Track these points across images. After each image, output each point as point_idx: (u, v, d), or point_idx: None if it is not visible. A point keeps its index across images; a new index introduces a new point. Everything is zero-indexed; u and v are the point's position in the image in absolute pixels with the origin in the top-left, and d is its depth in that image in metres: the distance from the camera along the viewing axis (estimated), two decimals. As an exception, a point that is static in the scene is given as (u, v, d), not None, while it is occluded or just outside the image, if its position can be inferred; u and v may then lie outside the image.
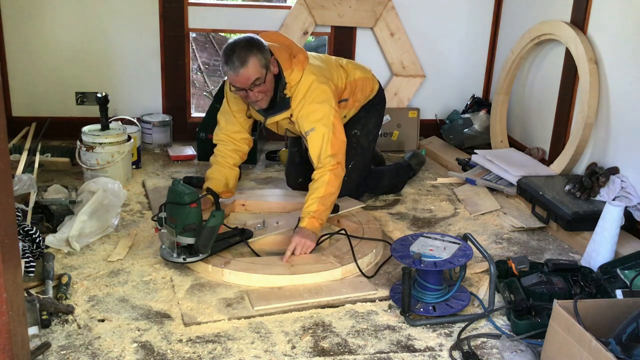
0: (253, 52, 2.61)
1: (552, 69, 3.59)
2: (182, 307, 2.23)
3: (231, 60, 2.60)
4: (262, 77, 2.65)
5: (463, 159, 3.72)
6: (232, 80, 2.67)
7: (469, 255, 2.28)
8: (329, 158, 2.70)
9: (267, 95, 2.74)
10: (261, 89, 2.68)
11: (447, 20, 4.16)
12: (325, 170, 2.69)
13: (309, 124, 2.74)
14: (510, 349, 2.06)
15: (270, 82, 2.71)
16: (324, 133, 2.72)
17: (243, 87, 2.66)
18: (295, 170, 3.26)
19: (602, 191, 2.91)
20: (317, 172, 2.72)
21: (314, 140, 2.73)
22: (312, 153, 2.74)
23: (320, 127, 2.72)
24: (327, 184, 2.66)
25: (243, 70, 2.60)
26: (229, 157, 2.96)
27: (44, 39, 3.79)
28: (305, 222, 2.61)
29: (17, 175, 2.80)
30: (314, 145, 2.73)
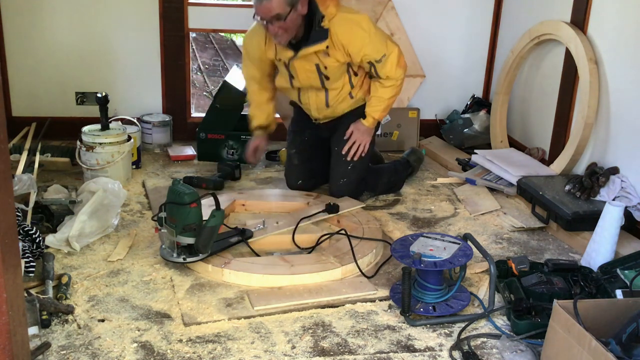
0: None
1: (552, 69, 3.59)
2: (182, 307, 2.23)
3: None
4: (284, 13, 2.69)
5: (463, 159, 3.72)
6: (255, 8, 2.73)
7: (469, 255, 2.28)
8: (398, 70, 2.93)
9: (288, 34, 2.78)
10: (281, 25, 2.72)
11: (447, 20, 4.16)
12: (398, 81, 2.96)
13: (378, 53, 2.88)
14: (510, 349, 2.06)
15: (292, 22, 2.74)
16: (393, 55, 2.91)
17: (263, 17, 2.71)
18: (294, 172, 3.26)
19: (602, 191, 2.91)
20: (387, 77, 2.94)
21: (387, 64, 2.90)
22: (382, 73, 2.92)
23: (389, 52, 2.89)
24: (396, 92, 2.99)
25: (266, 1, 2.66)
26: (261, 94, 3.17)
27: (44, 39, 3.79)
28: (369, 121, 3.03)
29: (17, 175, 2.80)
30: (386, 68, 2.91)
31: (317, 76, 2.96)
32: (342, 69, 2.96)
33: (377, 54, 2.88)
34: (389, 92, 2.98)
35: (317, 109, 3.12)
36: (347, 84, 3.02)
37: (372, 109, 3.03)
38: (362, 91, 3.08)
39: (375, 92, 3.01)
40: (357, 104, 3.11)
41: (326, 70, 2.93)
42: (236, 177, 3.44)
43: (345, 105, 3.09)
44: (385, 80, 2.96)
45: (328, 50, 2.85)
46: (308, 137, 3.26)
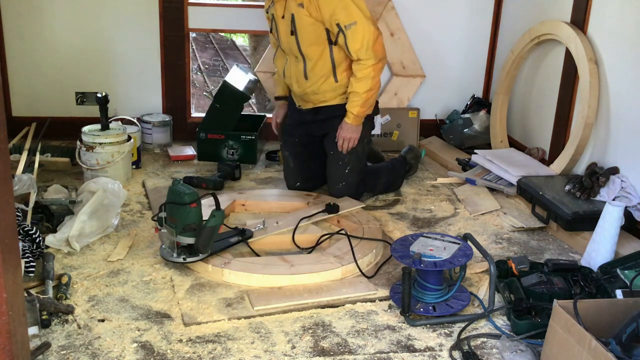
0: None
1: (552, 69, 3.59)
2: (182, 307, 2.23)
3: None
4: None
5: (463, 159, 3.72)
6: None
7: (469, 255, 2.28)
8: (370, 53, 2.83)
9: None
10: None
11: (447, 20, 4.16)
12: (369, 70, 2.85)
13: (349, 17, 2.80)
14: (510, 349, 2.06)
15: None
16: (366, 28, 2.82)
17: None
18: (291, 174, 3.25)
19: (602, 191, 2.91)
20: (359, 69, 2.86)
21: (356, 34, 2.82)
22: (352, 46, 2.84)
23: (362, 21, 2.81)
24: (372, 85, 2.88)
25: None
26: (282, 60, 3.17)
27: (44, 39, 3.79)
28: (350, 118, 2.97)
29: (17, 175, 2.80)
30: (356, 39, 2.82)
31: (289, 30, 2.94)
32: (316, 32, 2.89)
33: (346, 17, 2.80)
34: (363, 86, 2.89)
35: (297, 82, 3.06)
36: (328, 57, 2.95)
37: (350, 105, 2.96)
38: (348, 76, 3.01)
39: (350, 87, 2.95)
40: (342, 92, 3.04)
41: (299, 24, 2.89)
42: (236, 177, 3.44)
43: (328, 87, 3.01)
44: (357, 68, 2.88)
45: (303, 1, 2.83)
46: (299, 138, 3.24)
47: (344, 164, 3.08)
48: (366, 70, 2.87)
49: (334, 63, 2.97)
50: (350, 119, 2.97)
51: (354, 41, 2.83)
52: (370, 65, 2.86)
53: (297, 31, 2.92)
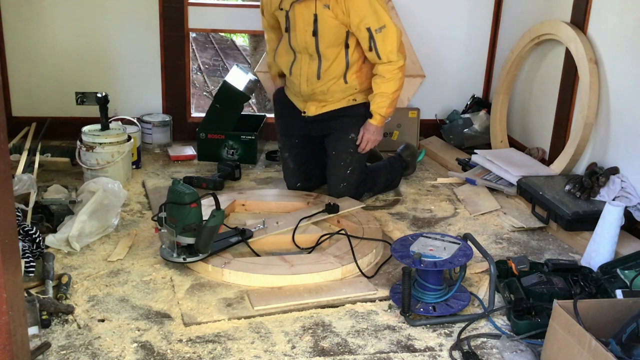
0: None
1: (552, 69, 3.58)
2: (182, 307, 2.23)
3: None
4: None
5: (463, 159, 3.72)
6: None
7: (469, 255, 2.28)
8: (401, 56, 2.89)
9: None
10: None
11: (447, 20, 4.16)
12: (397, 71, 2.90)
13: (379, 22, 2.84)
14: (510, 349, 2.06)
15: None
16: (394, 30, 2.86)
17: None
18: (291, 175, 3.25)
19: (602, 191, 2.91)
20: (386, 69, 2.89)
21: (387, 37, 2.86)
22: (382, 50, 2.86)
23: (391, 23, 2.86)
24: (399, 85, 2.93)
25: None
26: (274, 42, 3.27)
27: (44, 39, 3.79)
28: (377, 120, 2.98)
29: (17, 175, 2.80)
30: (387, 42, 2.86)
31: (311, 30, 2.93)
32: (338, 34, 2.90)
33: (376, 22, 2.83)
34: (392, 86, 2.92)
35: (308, 81, 3.02)
36: (343, 59, 2.96)
37: (377, 107, 2.96)
38: (358, 81, 3.01)
39: (377, 88, 2.94)
40: (349, 93, 3.04)
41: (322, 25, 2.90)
42: (236, 177, 3.44)
43: (337, 88, 3.01)
44: (386, 69, 2.90)
45: (329, 2, 2.84)
46: (298, 139, 3.23)
47: (346, 165, 3.08)
48: (395, 71, 2.90)
49: (347, 64, 2.98)
50: (377, 120, 2.99)
51: (384, 44, 2.86)
52: (400, 67, 2.91)
53: (318, 32, 2.91)
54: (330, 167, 3.14)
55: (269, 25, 3.27)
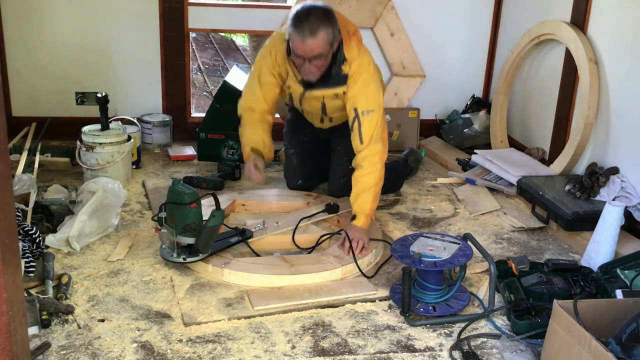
0: (325, 25, 2.54)
1: (552, 69, 3.59)
2: (182, 307, 2.23)
3: (301, 26, 2.51)
4: (325, 53, 2.60)
5: (463, 159, 3.72)
6: (294, 46, 2.58)
7: (469, 255, 2.28)
8: (380, 141, 2.72)
9: (320, 71, 2.69)
10: (319, 63, 2.63)
11: (447, 20, 4.16)
12: (376, 158, 2.70)
13: (369, 105, 2.71)
14: (510, 349, 2.06)
15: (329, 60, 2.67)
16: (380, 117, 2.73)
17: (303, 56, 2.59)
18: (293, 172, 3.25)
19: (602, 191, 2.91)
20: (366, 157, 2.71)
21: (371, 122, 2.71)
22: (365, 133, 2.72)
23: (379, 110, 2.73)
24: (379, 177, 2.71)
25: (311, 40, 2.52)
26: (258, 124, 2.93)
27: (44, 39, 3.79)
28: (361, 220, 2.63)
29: (17, 175, 2.80)
30: (369, 127, 2.71)
31: (320, 108, 2.93)
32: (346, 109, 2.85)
33: (365, 104, 2.70)
34: (371, 179, 2.68)
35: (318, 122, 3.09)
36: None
37: (360, 206, 2.66)
38: None
39: (356, 184, 2.70)
40: None
41: (331, 107, 2.90)
42: (236, 177, 3.44)
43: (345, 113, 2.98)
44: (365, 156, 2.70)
45: (338, 93, 2.78)
46: (307, 137, 3.24)
47: (349, 160, 3.06)
48: (374, 159, 2.70)
49: None
50: (361, 221, 2.63)
51: (369, 127, 2.71)
52: (379, 153, 2.71)
53: (327, 110, 2.93)
54: (333, 162, 3.14)
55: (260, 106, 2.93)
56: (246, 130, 2.97)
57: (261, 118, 2.95)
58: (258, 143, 2.95)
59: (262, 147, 2.96)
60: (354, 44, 2.71)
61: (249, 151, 2.93)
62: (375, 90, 2.74)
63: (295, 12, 2.56)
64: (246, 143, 2.96)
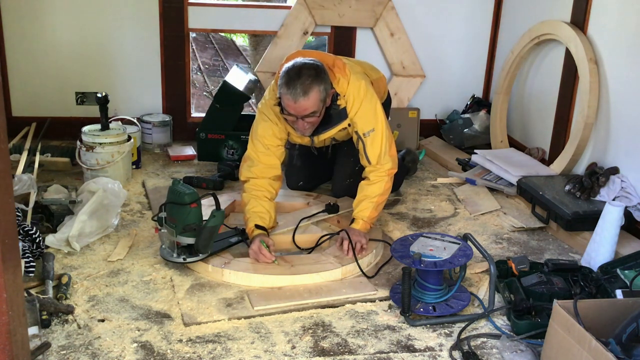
0: (318, 83, 2.50)
1: (552, 69, 3.59)
2: (182, 307, 2.23)
3: (294, 86, 2.46)
4: (318, 110, 2.56)
5: (463, 159, 3.72)
6: (286, 105, 2.53)
7: (469, 255, 2.28)
8: (387, 157, 2.69)
9: (314, 126, 2.66)
10: (312, 120, 2.59)
11: (447, 20, 4.16)
12: (383, 174, 2.68)
13: (367, 126, 2.68)
14: (510, 349, 2.06)
15: (322, 115, 2.62)
16: (382, 134, 2.69)
17: (296, 115, 2.54)
18: (295, 174, 3.25)
19: (602, 191, 2.91)
20: (373, 172, 2.69)
21: (374, 142, 2.68)
22: (371, 153, 2.69)
23: (380, 126, 2.69)
24: (385, 190, 2.68)
25: (303, 100, 2.48)
26: (265, 190, 2.70)
27: (44, 39, 3.79)
28: (359, 224, 2.63)
29: (17, 175, 2.80)
30: (375, 146, 2.68)
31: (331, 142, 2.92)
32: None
33: (365, 125, 2.68)
34: (376, 189, 2.67)
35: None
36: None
37: (360, 212, 2.66)
38: None
39: (361, 191, 2.70)
40: None
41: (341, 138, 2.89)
42: (236, 177, 3.44)
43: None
44: (373, 171, 2.69)
45: (345, 126, 2.73)
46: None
47: (356, 161, 3.05)
48: (381, 174, 2.69)
49: None
50: (359, 225, 2.64)
51: (373, 147, 2.69)
52: (387, 170, 2.69)
53: (338, 139, 2.92)
54: (340, 163, 3.12)
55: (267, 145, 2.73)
56: (252, 200, 2.68)
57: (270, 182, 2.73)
58: (263, 218, 2.65)
59: (267, 221, 2.66)
60: (339, 75, 2.65)
61: (253, 227, 2.61)
62: (371, 110, 2.69)
63: (286, 71, 2.51)
64: (250, 217, 2.65)
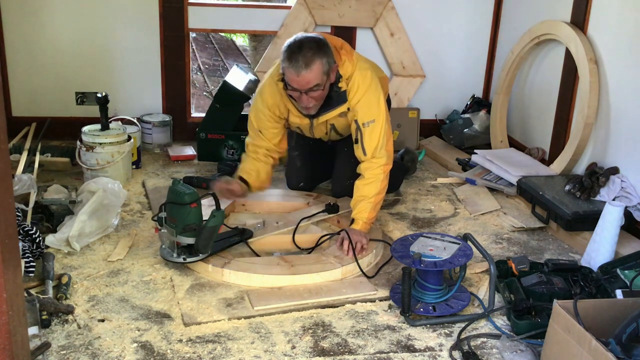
0: (320, 56, 2.50)
1: (552, 69, 3.59)
2: (182, 307, 2.23)
3: (295, 59, 2.47)
4: (322, 83, 2.55)
5: (463, 159, 3.72)
6: (289, 80, 2.54)
7: (469, 255, 2.28)
8: (384, 152, 2.68)
9: (319, 102, 2.65)
10: (316, 94, 2.58)
11: (447, 20, 4.16)
12: (379, 171, 2.67)
13: (369, 115, 2.66)
14: (510, 349, 2.06)
15: (326, 90, 2.62)
16: (382, 127, 2.67)
17: (300, 89, 2.55)
18: (296, 174, 3.24)
19: (602, 191, 2.91)
20: (369, 170, 2.68)
21: (373, 133, 2.66)
22: (368, 145, 2.67)
23: (381, 119, 2.67)
24: (382, 189, 2.67)
25: (306, 72, 2.48)
26: (262, 154, 2.87)
27: (44, 39, 3.79)
28: (359, 225, 2.63)
29: (17, 175, 2.80)
30: (373, 137, 2.67)
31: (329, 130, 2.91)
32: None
33: (366, 115, 2.67)
34: (372, 189, 2.66)
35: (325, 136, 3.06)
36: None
37: (359, 213, 2.65)
38: None
39: (357, 192, 2.69)
40: None
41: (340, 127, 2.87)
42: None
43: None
44: (368, 167, 2.69)
45: (345, 110, 2.73)
46: (312, 139, 3.22)
47: (356, 162, 3.05)
48: (376, 171, 2.68)
49: None
50: (359, 225, 2.63)
51: (370, 139, 2.67)
52: (382, 165, 2.68)
53: (337, 129, 2.90)
54: (340, 163, 3.11)
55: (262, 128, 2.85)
56: (247, 158, 2.90)
57: (266, 154, 2.89)
58: (249, 174, 2.85)
59: (254, 178, 2.86)
60: (344, 58, 2.66)
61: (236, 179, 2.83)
62: (375, 100, 2.68)
63: (288, 45, 2.52)
64: (240, 168, 2.90)
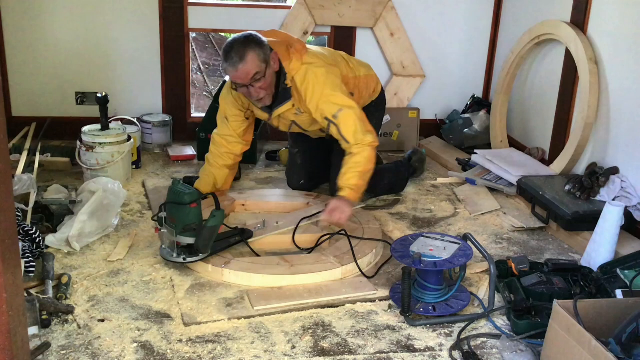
0: (251, 47, 2.64)
1: (552, 69, 3.59)
2: (182, 307, 2.23)
3: (230, 57, 2.62)
4: (261, 71, 2.66)
5: (463, 159, 3.72)
6: (232, 77, 2.70)
7: (469, 255, 2.28)
8: (368, 134, 2.71)
9: (269, 92, 2.75)
10: (262, 84, 2.69)
11: (447, 20, 4.16)
12: (365, 146, 2.70)
13: (333, 107, 2.72)
14: (510, 349, 2.06)
15: (270, 77, 2.72)
16: (354, 112, 2.72)
17: (243, 83, 2.68)
18: (297, 172, 3.25)
19: (602, 191, 2.91)
20: (355, 147, 2.70)
21: (347, 119, 2.70)
22: (346, 132, 2.71)
23: (347, 106, 2.72)
24: (368, 159, 2.70)
25: (242, 65, 2.62)
26: (220, 158, 3.01)
27: (44, 39, 3.79)
28: (345, 192, 2.66)
29: (17, 175, 2.80)
30: (348, 124, 2.70)
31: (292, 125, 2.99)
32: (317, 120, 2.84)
33: (331, 107, 2.70)
34: (358, 159, 2.68)
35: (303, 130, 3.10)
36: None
37: (345, 182, 2.67)
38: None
39: (344, 166, 2.71)
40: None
41: (304, 124, 2.94)
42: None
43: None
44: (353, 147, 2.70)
45: (299, 106, 2.81)
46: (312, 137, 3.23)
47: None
48: (364, 147, 2.70)
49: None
50: (346, 192, 2.65)
51: (347, 126, 2.70)
52: (369, 142, 2.71)
53: (300, 125, 2.97)
54: (336, 163, 3.10)
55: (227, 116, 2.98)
56: (205, 165, 3.06)
57: (228, 150, 3.00)
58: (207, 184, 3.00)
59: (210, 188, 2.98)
60: (293, 57, 2.74)
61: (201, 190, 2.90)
62: (332, 93, 2.72)
63: (222, 49, 2.67)
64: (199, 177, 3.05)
